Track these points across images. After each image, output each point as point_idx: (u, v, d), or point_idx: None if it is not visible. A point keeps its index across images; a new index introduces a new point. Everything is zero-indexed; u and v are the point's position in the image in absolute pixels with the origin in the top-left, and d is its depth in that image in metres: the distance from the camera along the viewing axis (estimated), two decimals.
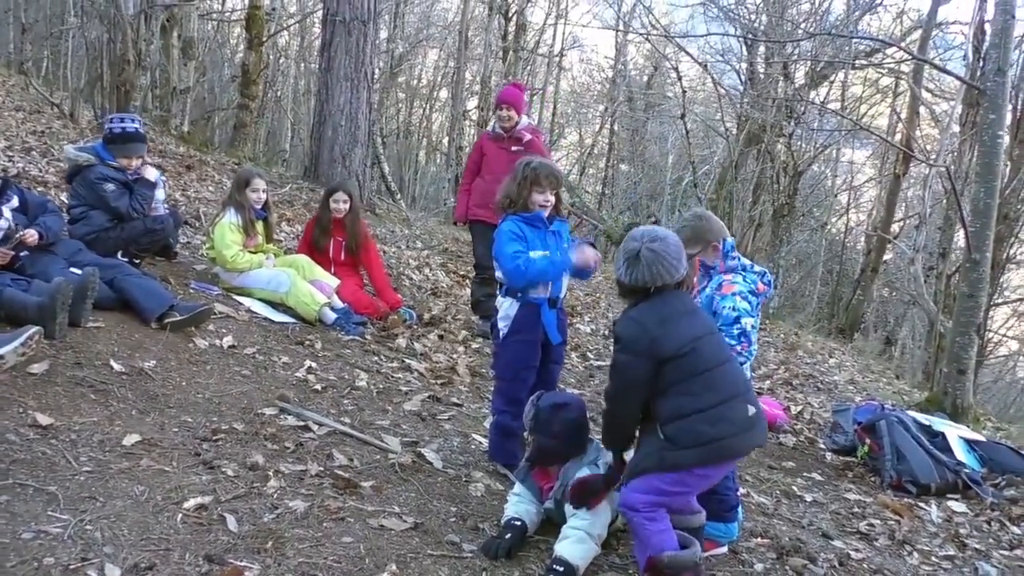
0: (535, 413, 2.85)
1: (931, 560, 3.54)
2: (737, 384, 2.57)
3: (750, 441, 2.57)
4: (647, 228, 2.66)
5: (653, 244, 2.56)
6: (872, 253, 14.54)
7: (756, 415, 2.54)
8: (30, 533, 2.25)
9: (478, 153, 5.88)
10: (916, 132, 13.02)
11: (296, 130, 19.90)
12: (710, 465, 2.52)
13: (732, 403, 2.50)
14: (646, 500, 2.50)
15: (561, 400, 2.90)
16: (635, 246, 2.57)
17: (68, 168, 4.66)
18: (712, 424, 2.46)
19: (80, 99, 9.62)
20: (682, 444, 2.47)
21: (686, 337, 2.51)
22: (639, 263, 2.55)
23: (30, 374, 3.16)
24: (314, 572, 2.37)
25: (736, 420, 2.49)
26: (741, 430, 2.50)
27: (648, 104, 22.74)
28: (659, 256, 2.54)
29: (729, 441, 2.48)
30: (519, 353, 3.28)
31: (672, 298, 2.59)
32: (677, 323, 2.53)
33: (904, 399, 7.07)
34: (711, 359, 2.53)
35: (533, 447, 2.89)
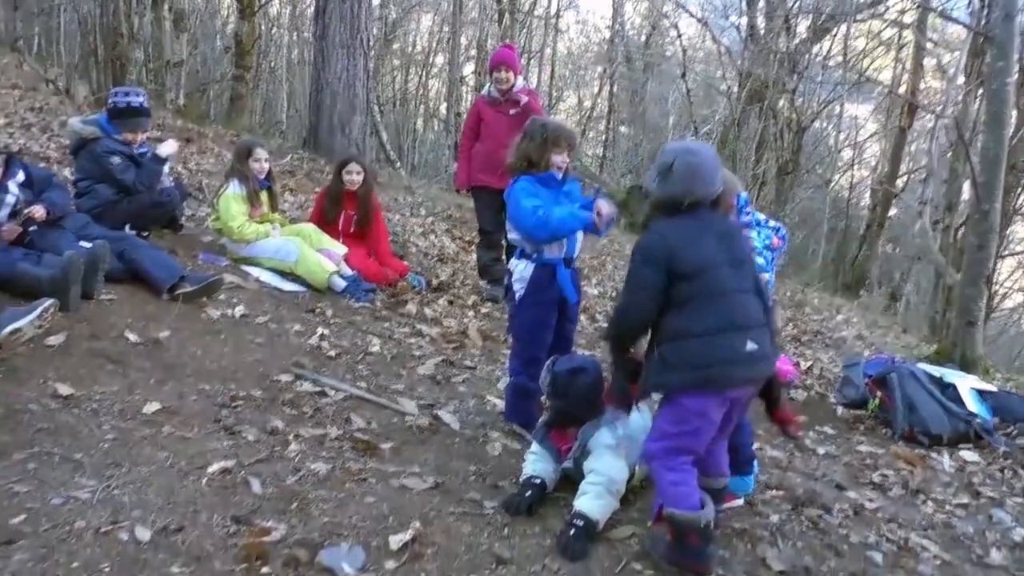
0: (552, 378, 2.85)
1: (945, 508, 3.57)
2: (745, 317, 2.45)
3: (741, 374, 2.45)
4: (682, 142, 2.58)
5: (688, 156, 2.47)
6: (877, 208, 14.49)
7: (756, 352, 2.43)
8: (59, 499, 2.28)
9: (475, 118, 5.81)
10: (920, 84, 12.88)
11: (292, 100, 19.73)
12: (697, 391, 2.42)
13: (730, 333, 2.42)
14: (660, 447, 2.50)
15: (577, 365, 2.89)
16: (669, 158, 2.48)
17: (73, 141, 4.63)
18: (704, 349, 2.40)
19: (75, 75, 9.53)
20: (672, 364, 2.43)
21: (703, 259, 2.43)
22: (672, 175, 2.46)
23: (47, 346, 3.18)
24: (339, 531, 2.40)
25: (729, 350, 2.41)
26: (732, 361, 2.41)
27: (647, 64, 22.47)
28: (693, 169, 2.45)
29: (717, 369, 2.40)
30: (536, 314, 3.28)
31: (702, 217, 2.49)
32: (699, 242, 2.44)
33: (913, 352, 7.09)
34: (723, 286, 2.44)
35: (551, 411, 2.90)
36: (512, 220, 3.24)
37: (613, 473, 2.71)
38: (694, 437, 2.49)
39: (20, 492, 2.27)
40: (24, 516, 2.17)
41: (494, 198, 5.66)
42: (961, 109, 10.20)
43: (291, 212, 6.51)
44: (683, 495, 2.45)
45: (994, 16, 6.07)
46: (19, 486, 2.30)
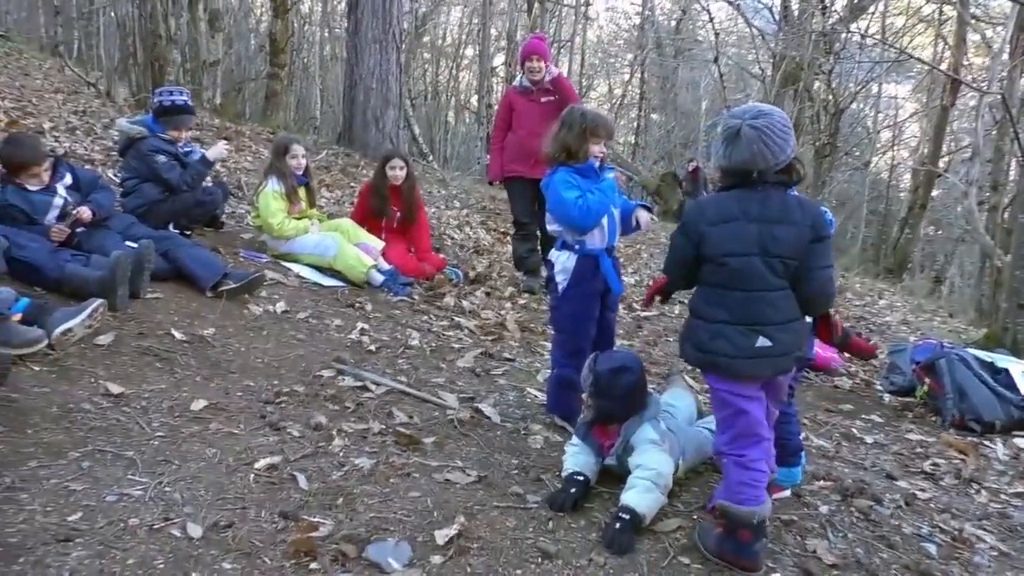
0: (595, 378, 2.81)
1: (1000, 497, 3.47)
2: (761, 315, 2.36)
3: (748, 369, 2.38)
4: (748, 105, 2.44)
5: (756, 120, 2.31)
6: (919, 189, 14.13)
7: (771, 349, 2.36)
8: (113, 496, 2.33)
9: (507, 109, 5.80)
10: (963, 61, 12.51)
11: (325, 96, 19.91)
12: (712, 375, 2.46)
13: (740, 327, 2.37)
14: (723, 439, 2.48)
15: (619, 363, 2.84)
16: (735, 123, 2.34)
17: (121, 141, 4.75)
18: (710, 337, 2.40)
19: (115, 77, 9.71)
20: (687, 338, 2.48)
21: (733, 247, 2.35)
22: (739, 140, 2.32)
23: (97, 345, 3.25)
24: (385, 526, 2.42)
25: (734, 343, 2.36)
26: (738, 355, 2.36)
27: (678, 50, 22.20)
28: (762, 133, 2.30)
29: (721, 359, 2.38)
30: (580, 305, 3.25)
31: (751, 198, 2.36)
32: (734, 229, 2.35)
33: (961, 337, 6.91)
34: (745, 281, 2.36)
35: (594, 409, 2.86)
36: (553, 212, 3.21)
37: (661, 467, 2.68)
38: (741, 418, 2.44)
39: (76, 490, 2.32)
40: (80, 514, 2.22)
41: (528, 188, 5.65)
42: (1007, 85, 9.88)
43: (328, 207, 6.58)
44: (752, 492, 2.42)
45: None
46: (75, 484, 2.35)
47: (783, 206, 2.36)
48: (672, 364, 4.73)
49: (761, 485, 2.44)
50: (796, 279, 2.40)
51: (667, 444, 2.78)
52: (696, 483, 3.03)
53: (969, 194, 8.34)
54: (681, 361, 4.25)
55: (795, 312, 2.42)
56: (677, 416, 3.13)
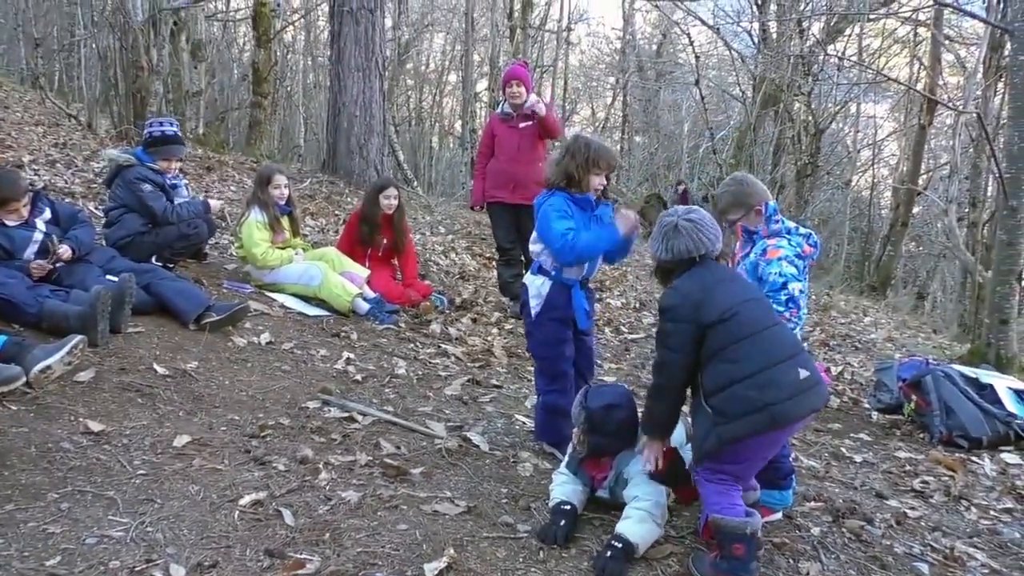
0: (587, 415, 2.78)
1: (989, 514, 3.47)
2: (785, 347, 2.49)
3: (804, 405, 2.45)
4: (679, 207, 2.72)
5: (689, 215, 2.61)
6: (900, 207, 14.30)
7: (810, 378, 2.45)
8: (93, 538, 2.28)
9: (489, 135, 5.84)
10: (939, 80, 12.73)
11: (309, 125, 19.95)
12: (764, 433, 2.43)
13: (780, 367, 2.42)
14: (706, 468, 2.52)
15: (611, 400, 2.82)
16: (672, 219, 2.61)
17: (109, 170, 4.73)
18: (760, 390, 2.38)
19: (97, 109, 9.69)
20: (732, 415, 2.40)
21: (729, 301, 2.47)
22: (679, 234, 2.57)
23: (77, 382, 3.20)
24: (373, 561, 2.37)
25: (785, 384, 2.41)
26: (793, 394, 2.41)
27: (659, 73, 22.47)
28: (697, 225, 2.57)
29: (781, 406, 2.39)
30: (553, 330, 3.25)
31: (712, 267, 2.60)
32: (719, 288, 2.51)
33: (945, 353, 6.96)
34: (755, 323, 2.47)
35: (587, 446, 2.82)
36: (540, 234, 3.20)
37: (657, 497, 2.66)
38: (745, 468, 2.53)
39: (55, 533, 2.27)
40: (59, 558, 2.17)
41: (509, 213, 5.68)
42: (982, 104, 10.05)
43: (312, 236, 6.56)
44: (728, 505, 2.46)
45: (1013, 9, 5.97)
46: (53, 527, 2.30)
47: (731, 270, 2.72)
48: None
49: (732, 494, 2.48)
50: None
51: None
52: (687, 508, 3.00)
53: (949, 211, 8.44)
54: None
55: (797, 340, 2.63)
56: None
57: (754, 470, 2.58)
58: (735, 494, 2.49)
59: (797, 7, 13.01)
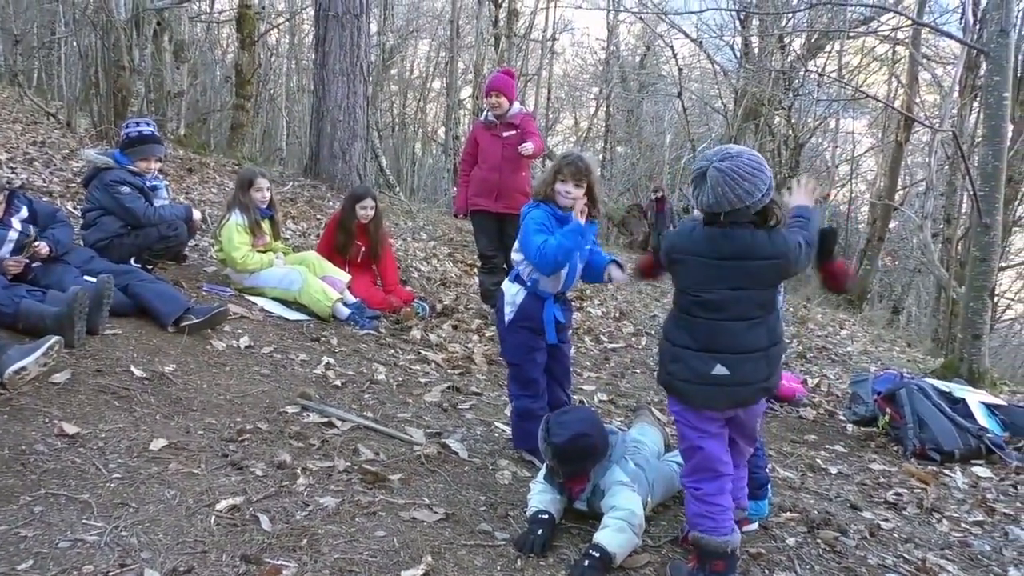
0: (553, 451, 2.73)
1: (961, 526, 3.53)
2: (722, 343, 2.40)
3: (703, 396, 2.43)
4: (721, 147, 2.43)
5: (723, 163, 2.30)
6: (877, 222, 14.49)
7: (725, 377, 2.38)
8: (67, 542, 2.24)
9: (472, 143, 5.85)
10: (916, 98, 12.95)
11: (292, 128, 19.86)
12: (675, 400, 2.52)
13: (700, 354, 2.41)
14: (684, 471, 2.55)
15: (576, 430, 2.73)
16: (703, 165, 2.34)
17: (87, 171, 4.67)
18: (672, 360, 2.49)
19: (76, 108, 9.59)
20: (660, 359, 2.59)
21: (699, 280, 2.42)
22: (704, 183, 2.32)
23: (53, 384, 3.16)
24: (351, 568, 2.36)
25: (693, 369, 2.41)
26: (696, 382, 2.41)
27: (642, 84, 22.65)
28: (727, 176, 2.28)
29: (681, 384, 2.45)
30: (524, 337, 3.27)
31: (728, 235, 2.35)
32: (703, 263, 2.40)
33: (919, 367, 7.06)
34: (711, 312, 2.40)
35: (560, 474, 2.78)
36: (520, 245, 3.22)
37: (634, 507, 2.67)
38: (698, 452, 2.48)
39: (27, 537, 2.24)
40: (32, 562, 2.14)
41: (492, 221, 5.69)
42: (958, 122, 10.25)
43: (293, 239, 6.53)
44: (711, 524, 2.45)
45: (989, 31, 6.09)
46: (26, 530, 2.27)
47: (751, 243, 2.38)
48: (639, 397, 4.75)
49: (720, 517, 2.46)
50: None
51: (635, 483, 2.78)
52: (664, 517, 3.03)
53: (924, 227, 8.58)
54: (648, 394, 4.27)
55: (761, 343, 2.43)
56: (644, 451, 3.13)
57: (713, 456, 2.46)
58: (720, 517, 2.45)
59: (779, 23, 13.19)
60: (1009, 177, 9.30)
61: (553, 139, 23.98)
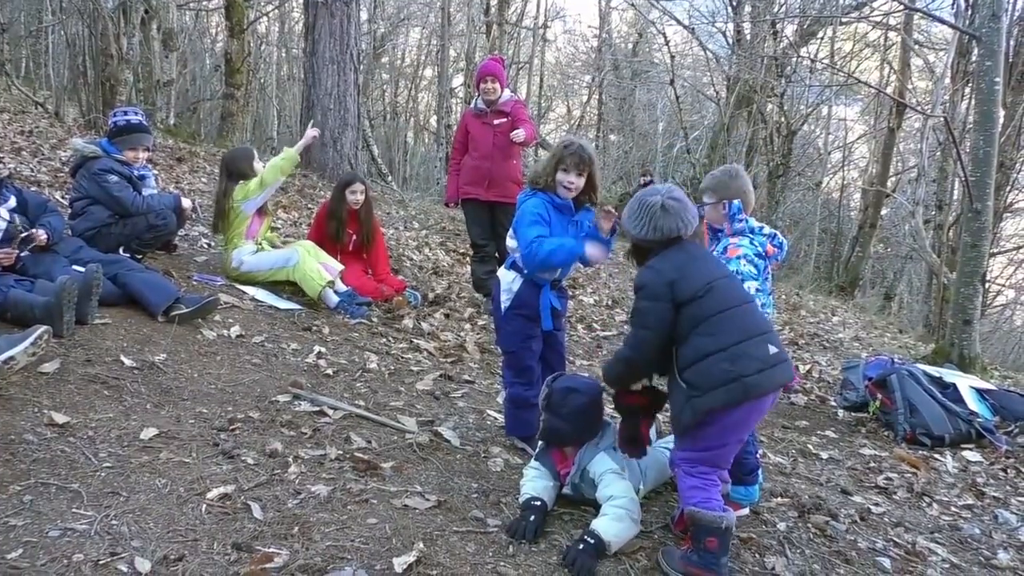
0: (548, 394, 2.86)
1: (950, 510, 3.56)
2: (758, 324, 2.55)
3: (773, 379, 2.49)
4: (657, 186, 2.72)
5: (673, 194, 2.64)
6: (869, 209, 14.53)
7: (778, 354, 2.51)
8: (57, 531, 2.24)
9: (463, 131, 5.82)
10: (908, 84, 12.95)
11: (283, 117, 19.74)
12: (736, 406, 2.45)
13: (753, 340, 2.48)
14: (684, 457, 2.55)
15: (573, 384, 2.88)
16: (656, 199, 2.62)
17: (74, 160, 4.63)
18: (732, 362, 2.43)
19: (65, 97, 9.50)
20: (705, 387, 2.44)
21: (703, 279, 2.52)
22: (667, 213, 2.59)
23: (42, 374, 3.14)
24: (342, 555, 2.36)
25: (757, 357, 2.46)
26: (762, 367, 2.45)
27: (635, 72, 22.58)
28: (683, 205, 2.61)
29: (753, 378, 2.43)
30: (521, 325, 3.27)
31: (687, 246, 2.64)
32: (693, 267, 2.56)
33: (911, 352, 7.10)
34: (729, 299, 2.53)
35: (544, 426, 2.88)
36: (515, 233, 3.21)
37: (631, 494, 2.69)
38: (721, 451, 2.55)
39: (17, 526, 2.23)
40: (21, 551, 2.13)
41: (483, 210, 5.68)
42: (950, 108, 10.25)
43: (284, 229, 6.50)
44: (704, 498, 2.49)
45: (980, 16, 6.09)
46: (15, 519, 2.26)
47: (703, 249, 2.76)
48: None
49: (712, 489, 2.51)
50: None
51: (626, 472, 2.79)
52: (656, 503, 3.04)
53: (916, 213, 8.60)
54: None
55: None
56: None
57: (730, 453, 2.59)
58: (714, 489, 2.51)
59: (771, 9, 13.15)
60: (1000, 163, 9.33)
61: (545, 127, 23.91)
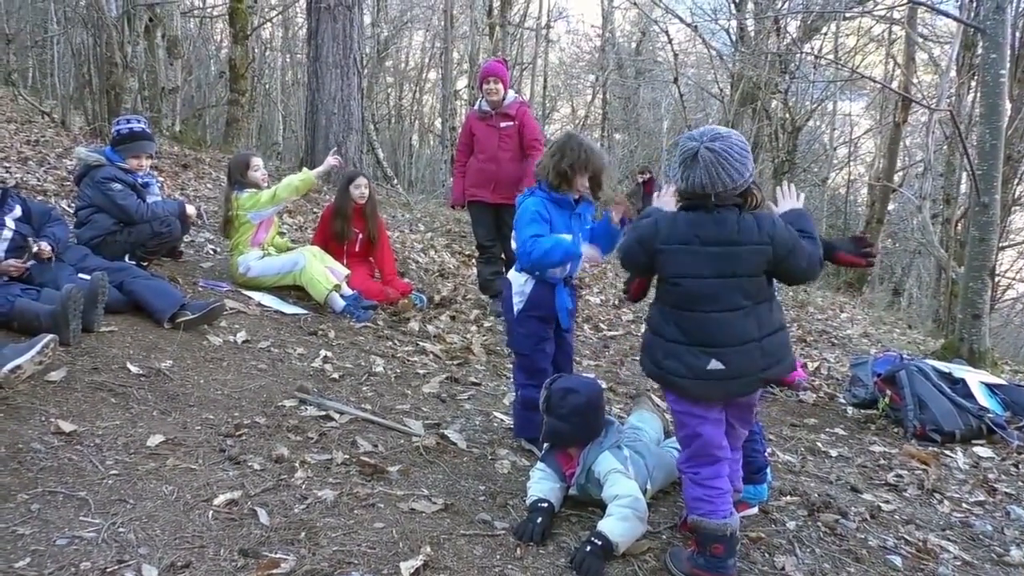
0: (547, 395, 2.86)
1: (962, 507, 3.53)
2: (715, 336, 2.35)
3: (699, 390, 2.39)
4: (706, 127, 2.40)
5: (714, 143, 2.28)
6: (876, 204, 14.45)
7: (723, 372, 2.35)
8: (64, 539, 2.24)
9: (467, 133, 5.80)
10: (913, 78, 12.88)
11: (287, 122, 19.78)
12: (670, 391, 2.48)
13: (693, 349, 2.37)
14: (682, 457, 2.54)
15: (572, 384, 2.87)
16: (693, 145, 2.31)
17: (78, 169, 4.65)
18: (664, 355, 2.43)
19: (70, 106, 9.54)
20: (646, 352, 2.52)
21: (683, 271, 2.37)
22: (696, 163, 2.29)
23: (49, 382, 3.15)
24: (349, 559, 2.36)
25: (687, 365, 2.38)
26: (691, 376, 2.38)
27: (639, 71, 22.56)
28: (719, 156, 2.27)
29: (674, 379, 2.41)
30: (535, 327, 3.25)
31: (715, 220, 2.34)
32: (689, 252, 2.36)
33: (920, 348, 7.05)
34: (698, 302, 2.36)
35: (545, 428, 2.87)
36: (515, 230, 3.20)
37: (636, 494, 2.67)
38: (696, 440, 2.47)
39: (24, 535, 2.24)
40: (29, 559, 2.13)
41: (489, 212, 5.67)
42: (955, 102, 10.19)
43: (290, 233, 6.52)
44: (709, 507, 2.45)
45: (985, 8, 6.04)
46: (23, 528, 2.26)
47: (739, 227, 2.35)
48: (639, 384, 4.74)
49: (718, 500, 2.45)
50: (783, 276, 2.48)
51: (631, 470, 2.78)
52: (664, 503, 3.03)
53: (923, 208, 8.54)
54: (647, 381, 4.27)
55: (752, 333, 2.39)
56: (644, 438, 3.13)
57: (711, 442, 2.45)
58: (719, 500, 2.45)
59: (774, 5, 13.11)
60: (1007, 155, 9.26)
61: (550, 127, 23.89)
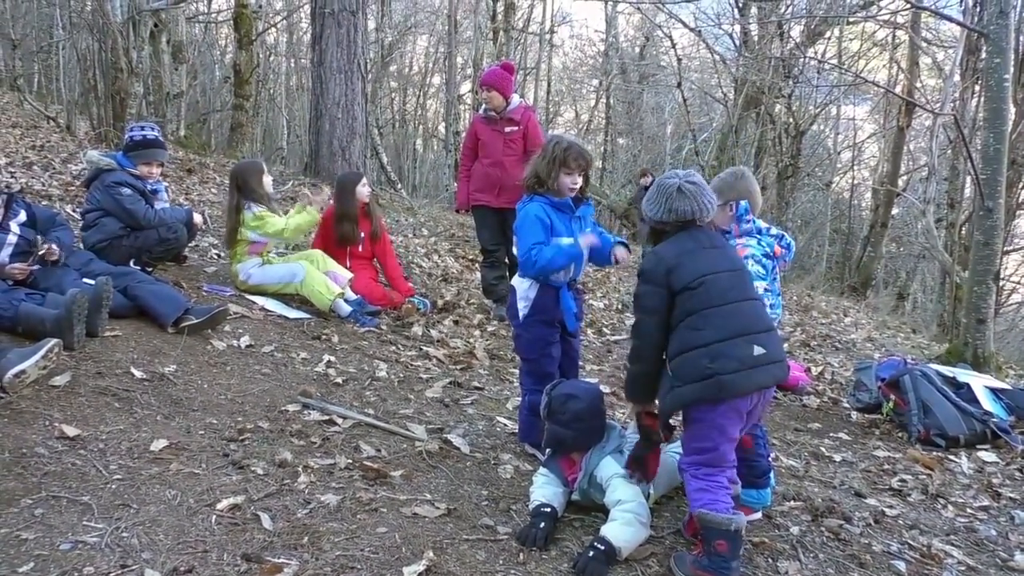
0: (548, 401, 2.87)
1: (966, 512, 3.51)
2: (748, 323, 2.51)
3: (751, 380, 2.46)
4: (677, 171, 2.70)
5: (692, 178, 2.63)
6: (880, 208, 14.44)
7: (764, 356, 2.46)
8: (68, 544, 2.25)
9: (472, 137, 5.81)
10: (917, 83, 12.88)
11: (292, 127, 19.86)
12: (712, 403, 2.45)
13: (736, 340, 2.45)
14: (688, 462, 2.54)
15: (572, 390, 2.88)
16: (674, 182, 2.62)
17: (88, 172, 4.67)
18: (712, 359, 2.43)
19: (76, 111, 9.59)
20: (685, 379, 2.47)
21: (700, 270, 2.51)
22: (683, 195, 2.58)
23: (53, 386, 3.16)
24: (352, 564, 2.36)
25: (736, 357, 2.43)
26: (741, 368, 2.43)
27: (642, 76, 22.59)
28: (701, 189, 2.60)
29: (728, 377, 2.42)
30: (541, 332, 3.25)
31: (697, 233, 2.62)
32: (695, 255, 2.55)
33: (924, 352, 7.03)
34: (723, 295, 2.50)
35: (546, 434, 2.88)
36: (517, 237, 3.21)
37: (640, 498, 2.68)
38: (715, 453, 2.50)
39: (28, 539, 2.24)
40: (32, 564, 2.14)
41: (494, 216, 5.67)
42: (959, 106, 10.18)
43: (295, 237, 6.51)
44: (711, 500, 2.47)
45: (988, 13, 6.04)
46: (27, 533, 2.27)
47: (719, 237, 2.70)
48: None
49: (719, 492, 2.48)
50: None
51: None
52: (667, 508, 3.02)
53: (927, 212, 8.53)
54: None
55: (769, 321, 2.60)
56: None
57: (726, 455, 2.52)
58: (720, 492, 2.48)
59: (777, 10, 13.11)
60: (1012, 160, 9.25)
61: (554, 132, 23.93)
